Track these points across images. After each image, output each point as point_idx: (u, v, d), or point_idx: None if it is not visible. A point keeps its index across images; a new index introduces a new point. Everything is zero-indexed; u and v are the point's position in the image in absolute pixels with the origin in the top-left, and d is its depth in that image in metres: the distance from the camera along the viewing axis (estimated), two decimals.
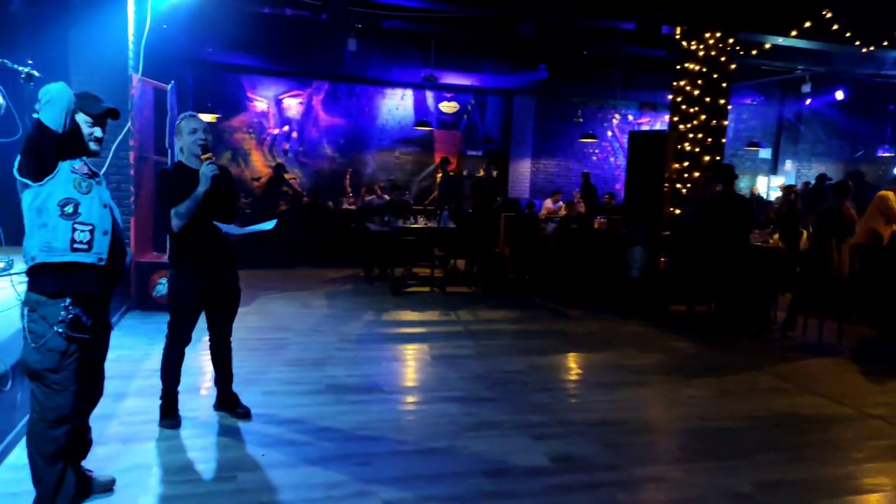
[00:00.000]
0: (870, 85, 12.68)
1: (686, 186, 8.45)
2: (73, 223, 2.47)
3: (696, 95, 8.44)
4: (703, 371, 5.30)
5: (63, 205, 2.45)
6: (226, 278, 3.63)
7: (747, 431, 4.08)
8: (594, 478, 3.33)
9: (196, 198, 3.33)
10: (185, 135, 3.47)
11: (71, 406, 2.52)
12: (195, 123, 3.48)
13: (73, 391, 2.52)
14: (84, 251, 2.48)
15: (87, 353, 2.60)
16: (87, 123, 2.62)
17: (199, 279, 3.50)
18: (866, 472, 3.58)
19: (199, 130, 3.46)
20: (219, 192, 3.43)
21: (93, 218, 2.52)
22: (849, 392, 4.89)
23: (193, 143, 3.44)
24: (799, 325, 6.58)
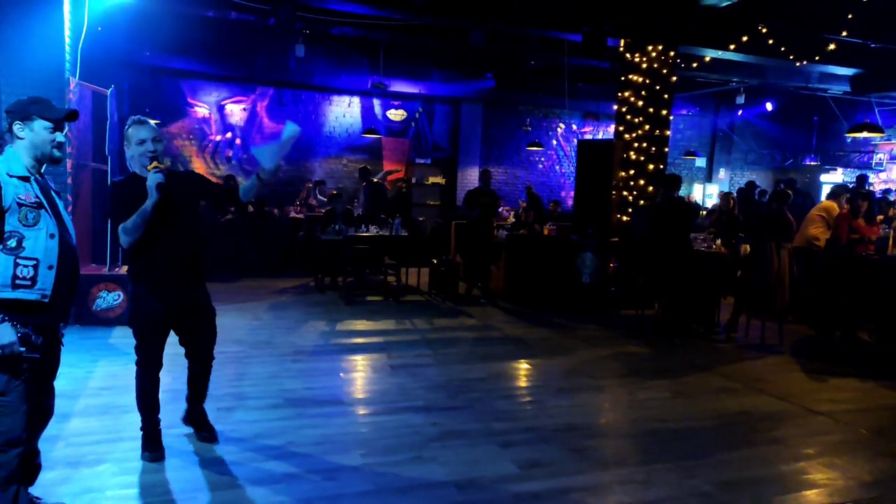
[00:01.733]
0: (797, 97, 13.42)
1: (632, 194, 8.69)
2: (14, 258, 2.33)
3: (640, 106, 8.70)
4: (655, 373, 5.44)
5: (6, 238, 2.31)
6: (194, 293, 3.37)
7: (702, 431, 4.20)
8: (562, 483, 3.35)
9: (143, 212, 3.04)
10: (133, 145, 3.18)
11: (22, 428, 2.35)
12: (144, 133, 3.16)
13: (23, 412, 2.36)
14: (26, 287, 2.35)
15: (36, 372, 2.44)
16: (47, 129, 2.47)
17: (162, 295, 3.23)
18: (815, 467, 3.74)
19: (148, 140, 3.15)
20: (171, 201, 3.16)
21: (37, 252, 2.38)
22: (793, 390, 5.11)
23: (142, 154, 3.15)
24: (741, 326, 6.85)
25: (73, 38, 6.00)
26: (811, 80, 11.29)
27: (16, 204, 2.35)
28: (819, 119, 14.63)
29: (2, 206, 2.32)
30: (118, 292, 6.09)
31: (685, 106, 15.11)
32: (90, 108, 6.48)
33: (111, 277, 6.10)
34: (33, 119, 2.43)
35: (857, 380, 5.40)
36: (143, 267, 3.23)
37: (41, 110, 2.44)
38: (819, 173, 14.66)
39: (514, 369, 5.54)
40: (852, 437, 4.20)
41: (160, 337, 3.32)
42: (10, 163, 2.44)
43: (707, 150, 15.74)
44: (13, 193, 2.36)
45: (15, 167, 2.43)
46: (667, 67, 8.69)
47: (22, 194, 2.38)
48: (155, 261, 3.20)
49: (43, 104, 2.47)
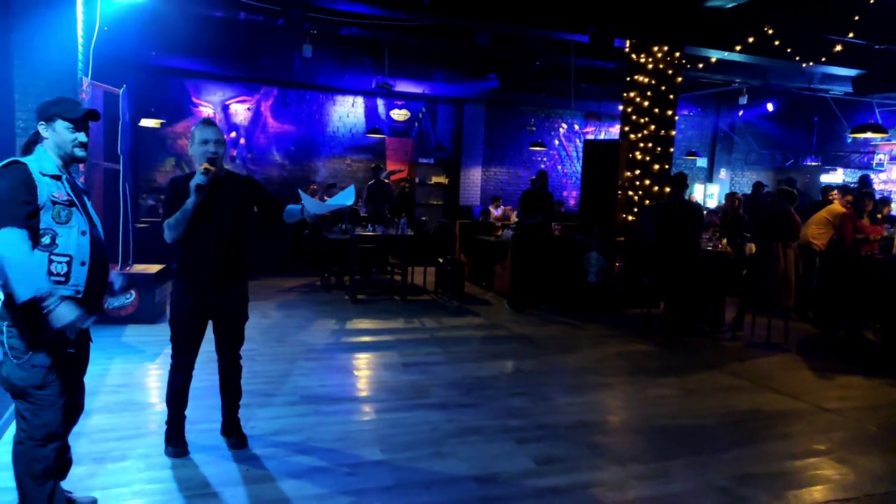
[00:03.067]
0: (798, 98, 13.49)
1: (638, 194, 8.74)
2: (49, 254, 2.37)
3: (646, 107, 8.76)
4: (664, 371, 5.49)
5: (41, 235, 2.35)
6: (229, 296, 3.36)
7: (714, 428, 4.26)
8: (580, 479, 3.40)
9: (185, 210, 3.13)
10: (196, 144, 3.24)
11: (59, 422, 2.39)
12: (209, 134, 3.23)
13: (60, 406, 2.40)
14: (61, 283, 2.38)
15: (70, 366, 2.48)
16: (68, 129, 2.50)
17: (195, 293, 3.28)
18: (826, 463, 3.79)
19: (211, 142, 3.22)
20: (216, 203, 3.23)
21: (70, 248, 2.42)
22: (801, 388, 5.17)
23: (203, 154, 3.22)
24: (747, 324, 6.91)
25: (85, 38, 6.03)
26: (813, 81, 11.35)
27: (49, 202, 2.39)
28: (819, 120, 14.70)
29: (37, 204, 2.36)
30: (130, 291, 6.12)
31: (687, 106, 15.17)
32: (102, 107, 6.50)
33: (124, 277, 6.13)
34: (55, 119, 2.47)
35: (864, 378, 5.47)
36: (184, 265, 3.29)
37: (62, 110, 2.48)
38: (819, 174, 14.74)
39: (525, 366, 5.58)
40: (862, 434, 4.26)
41: (195, 334, 3.35)
42: (42, 162, 2.48)
43: (708, 151, 15.81)
44: (47, 192, 2.40)
45: (47, 166, 2.47)
46: (672, 68, 8.74)
47: (55, 192, 2.42)
48: (194, 260, 3.26)
49: (64, 104, 2.51)
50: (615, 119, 13.77)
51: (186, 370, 3.37)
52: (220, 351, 3.51)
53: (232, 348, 3.51)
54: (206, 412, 3.86)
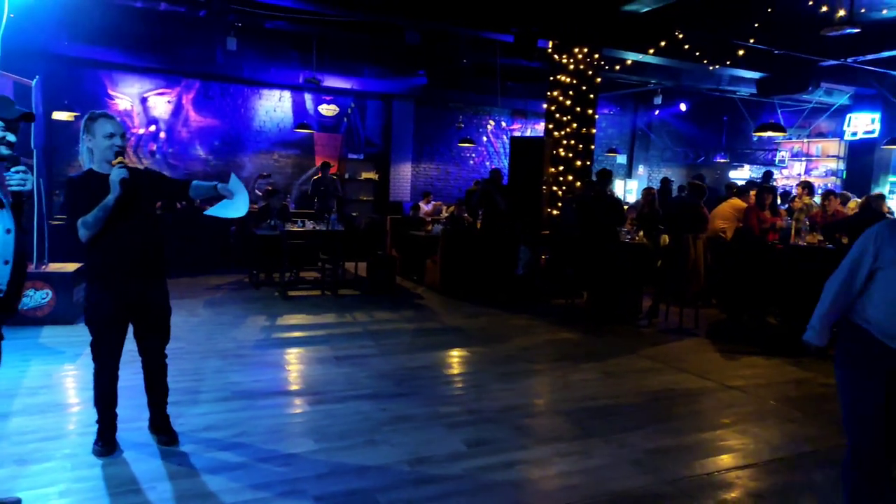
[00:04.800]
0: (709, 98, 14.33)
1: (562, 189, 9.10)
2: None
3: (568, 105, 9.12)
4: (586, 357, 5.80)
5: None
6: (151, 291, 3.35)
7: (631, 407, 4.56)
8: (507, 458, 3.59)
9: (106, 206, 3.06)
10: (99, 138, 3.17)
11: None
12: (112, 127, 3.17)
13: None
14: None
15: None
16: None
17: (115, 292, 3.21)
18: (730, 434, 4.15)
19: (117, 136, 3.18)
20: (132, 197, 3.19)
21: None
22: (710, 368, 5.58)
23: (108, 148, 3.15)
24: (662, 312, 7.35)
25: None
26: (722, 83, 12.11)
27: None
28: (728, 119, 15.66)
29: None
30: (46, 290, 5.87)
31: (608, 105, 15.82)
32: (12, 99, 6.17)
33: (39, 276, 5.87)
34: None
35: (764, 358, 5.95)
36: (100, 263, 3.21)
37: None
38: (728, 170, 15.72)
39: (456, 357, 5.76)
40: (762, 408, 4.66)
41: (117, 335, 3.29)
42: None
43: (627, 148, 16.55)
44: None
45: None
46: (592, 69, 9.14)
47: None
48: (112, 257, 3.20)
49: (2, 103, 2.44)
50: (541, 117, 14.17)
51: (112, 371, 3.32)
52: (145, 348, 3.48)
53: (159, 344, 3.49)
54: (134, 411, 3.79)
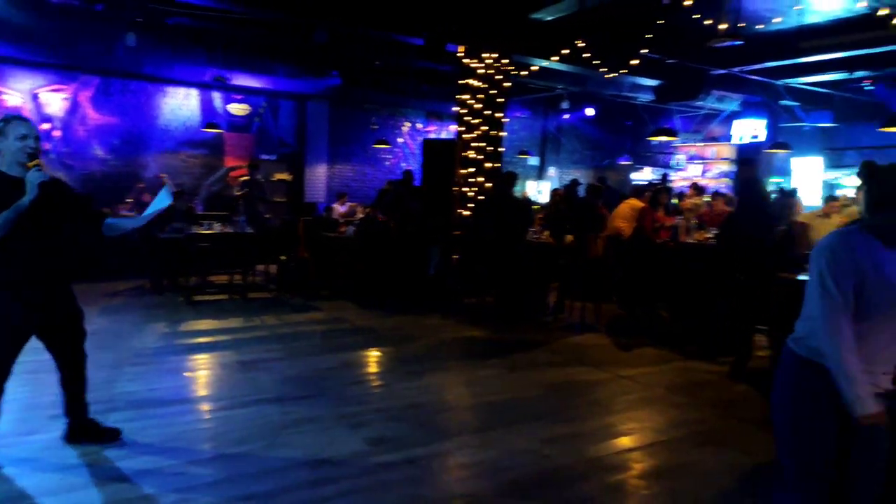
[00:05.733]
0: (613, 104, 15.02)
1: (472, 190, 9.29)
2: None
3: (478, 108, 9.34)
4: (493, 354, 5.97)
5: None
6: (59, 298, 3.28)
7: (532, 399, 4.75)
8: (409, 454, 3.67)
9: (19, 207, 2.94)
10: (12, 139, 3.06)
11: None
12: (26, 129, 3.09)
13: None
14: None
15: None
16: None
17: (24, 305, 3.10)
18: (622, 420, 4.42)
19: (31, 138, 3.08)
20: (46, 202, 3.08)
21: None
22: (606, 360, 5.89)
23: (21, 150, 3.05)
24: (566, 308, 7.67)
25: None
26: (623, 89, 12.74)
27: None
28: (632, 124, 16.48)
29: None
30: None
31: (519, 109, 16.26)
32: None
33: None
34: None
35: (655, 349, 6.33)
36: (9, 271, 3.08)
37: None
38: (631, 172, 16.53)
39: (364, 357, 5.79)
40: (651, 395, 4.97)
41: (18, 346, 3.17)
42: None
43: (538, 150, 17.07)
44: None
45: None
46: (501, 74, 9.40)
47: None
48: (19, 262, 3.08)
49: None
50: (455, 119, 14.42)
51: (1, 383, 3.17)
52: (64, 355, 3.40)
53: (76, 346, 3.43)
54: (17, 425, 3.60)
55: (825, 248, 2.17)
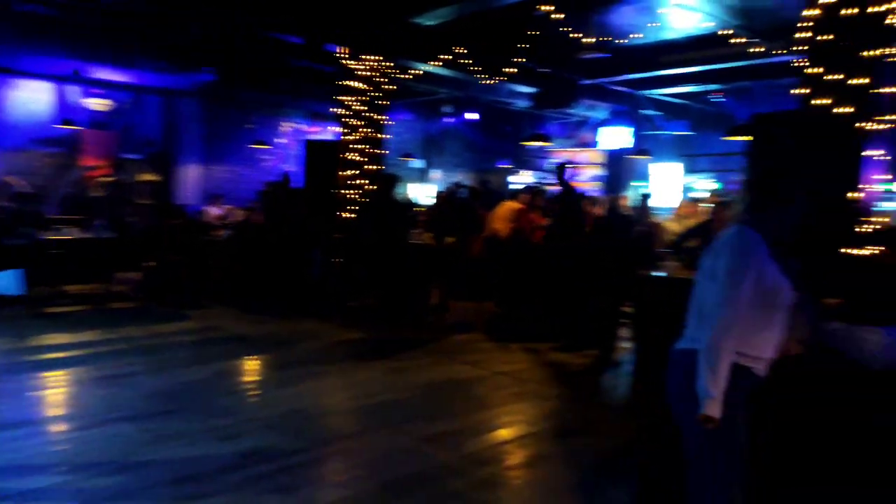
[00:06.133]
0: (495, 109, 15.48)
1: (355, 192, 9.21)
2: None
3: (360, 110, 9.27)
4: (375, 355, 5.95)
5: None
6: None
7: (413, 399, 4.78)
8: (283, 463, 3.56)
9: None
10: None
11: None
12: None
13: None
14: None
15: None
16: None
17: None
18: (498, 415, 4.56)
19: None
20: None
21: None
22: (484, 358, 6.04)
23: None
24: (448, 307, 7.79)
25: None
26: (502, 95, 13.16)
27: None
28: (512, 129, 17.07)
29: None
30: None
31: (402, 112, 16.33)
32: None
33: None
34: None
35: (530, 345, 6.56)
36: None
37: None
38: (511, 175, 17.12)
39: (239, 366, 5.55)
40: (525, 389, 5.16)
41: None
42: None
43: (422, 153, 17.25)
44: None
45: None
46: (383, 76, 9.39)
47: None
48: None
49: None
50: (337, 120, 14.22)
51: None
52: None
53: None
54: None
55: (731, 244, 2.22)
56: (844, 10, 4.65)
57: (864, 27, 4.56)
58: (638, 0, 8.36)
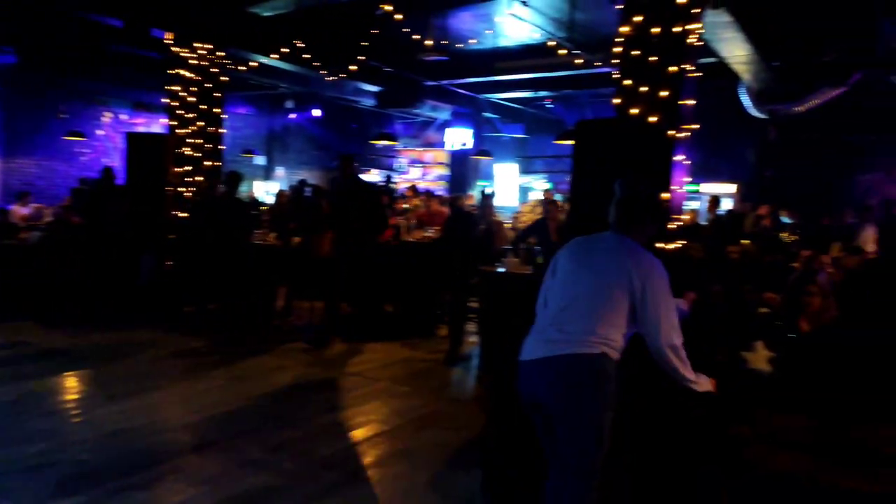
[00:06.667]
0: (340, 106, 15.28)
1: (189, 190, 8.61)
2: None
3: (192, 102, 8.67)
4: (215, 365, 5.60)
5: None
6: None
7: (258, 408, 4.59)
8: (111, 487, 3.25)
9: None
10: None
11: None
12: None
13: None
14: None
15: None
16: None
17: None
18: (349, 416, 4.52)
19: None
20: None
21: None
22: (334, 359, 5.97)
23: None
24: (296, 310, 7.56)
25: None
26: (347, 93, 13.03)
27: None
28: (358, 126, 16.98)
29: None
30: None
31: (243, 105, 15.57)
32: None
33: None
34: None
35: (381, 343, 6.59)
36: None
37: None
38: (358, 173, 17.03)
39: (56, 384, 4.95)
40: (376, 388, 5.17)
41: None
42: None
43: (265, 149, 16.58)
44: None
45: None
46: (217, 67, 8.87)
47: None
48: None
49: None
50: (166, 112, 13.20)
51: None
52: None
53: None
54: None
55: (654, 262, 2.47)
56: (652, 29, 5.22)
57: (668, 45, 5.15)
58: (475, 7, 8.71)
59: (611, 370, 2.38)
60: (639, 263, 2.43)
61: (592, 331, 2.37)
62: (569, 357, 2.36)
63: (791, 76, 9.16)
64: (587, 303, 2.43)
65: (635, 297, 2.38)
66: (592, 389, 2.35)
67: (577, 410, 2.37)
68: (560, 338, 2.40)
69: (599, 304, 2.41)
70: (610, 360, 2.38)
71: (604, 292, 2.42)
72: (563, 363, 2.37)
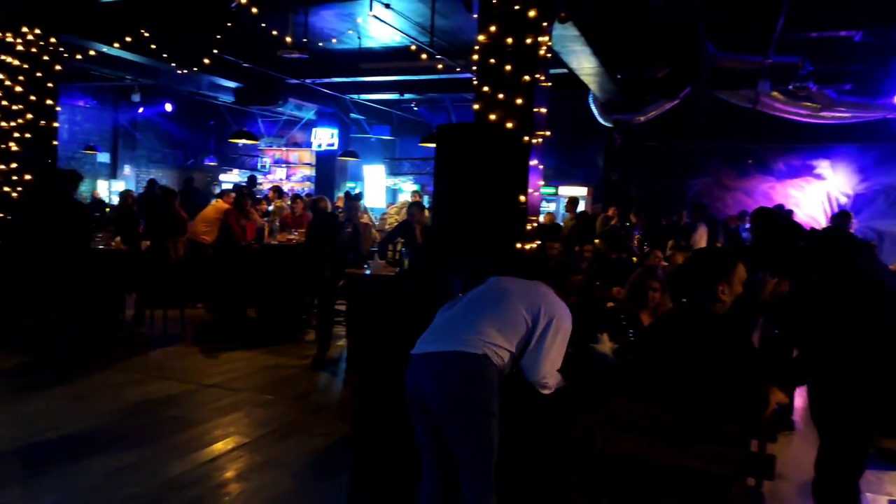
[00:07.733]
0: (195, 101, 14.40)
1: (16, 190, 7.70)
2: None
3: (19, 92, 7.77)
4: (51, 381, 5.08)
5: None
6: None
7: (101, 428, 4.20)
8: None
9: None
10: None
11: None
12: None
13: None
14: None
15: None
16: None
17: None
18: (206, 430, 4.27)
19: None
20: None
21: None
22: (191, 371, 5.61)
23: None
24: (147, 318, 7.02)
25: None
26: (202, 87, 12.31)
27: None
28: (216, 123, 16.11)
29: None
30: None
31: (83, 97, 14.20)
32: None
33: None
34: None
35: (244, 351, 6.28)
36: None
37: None
38: (219, 173, 16.21)
39: None
40: (237, 399, 4.92)
41: None
42: None
43: (109, 146, 15.23)
44: None
45: None
46: (49, 54, 8.01)
47: None
48: None
49: None
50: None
51: None
52: None
53: None
54: None
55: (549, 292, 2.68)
56: (506, 39, 5.46)
57: (521, 54, 5.41)
58: (337, 6, 8.60)
59: (492, 375, 2.44)
60: (554, 301, 2.62)
61: (482, 333, 2.46)
62: (454, 354, 2.43)
63: (631, 89, 10.00)
64: (489, 311, 2.55)
65: (536, 325, 2.51)
66: (472, 387, 2.41)
67: (458, 410, 2.43)
68: (449, 335, 2.50)
69: (499, 315, 2.52)
70: (493, 364, 2.44)
71: (510, 307, 2.54)
72: (446, 359, 2.44)
